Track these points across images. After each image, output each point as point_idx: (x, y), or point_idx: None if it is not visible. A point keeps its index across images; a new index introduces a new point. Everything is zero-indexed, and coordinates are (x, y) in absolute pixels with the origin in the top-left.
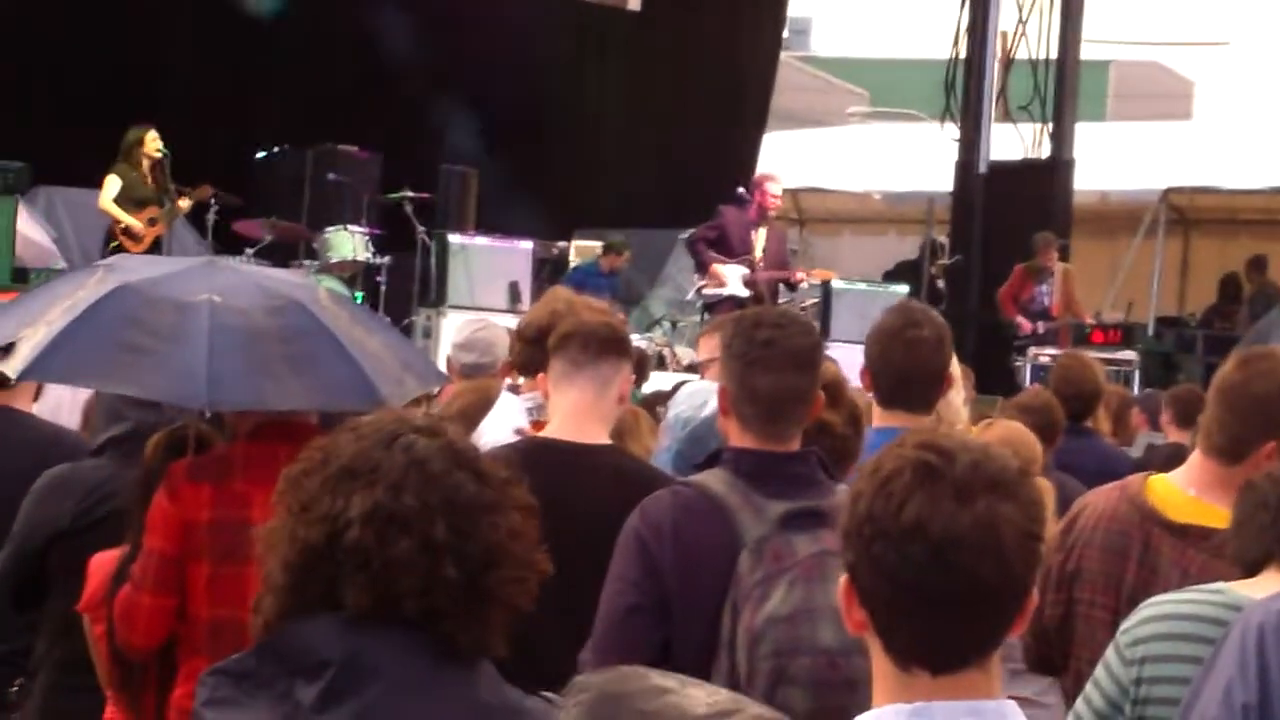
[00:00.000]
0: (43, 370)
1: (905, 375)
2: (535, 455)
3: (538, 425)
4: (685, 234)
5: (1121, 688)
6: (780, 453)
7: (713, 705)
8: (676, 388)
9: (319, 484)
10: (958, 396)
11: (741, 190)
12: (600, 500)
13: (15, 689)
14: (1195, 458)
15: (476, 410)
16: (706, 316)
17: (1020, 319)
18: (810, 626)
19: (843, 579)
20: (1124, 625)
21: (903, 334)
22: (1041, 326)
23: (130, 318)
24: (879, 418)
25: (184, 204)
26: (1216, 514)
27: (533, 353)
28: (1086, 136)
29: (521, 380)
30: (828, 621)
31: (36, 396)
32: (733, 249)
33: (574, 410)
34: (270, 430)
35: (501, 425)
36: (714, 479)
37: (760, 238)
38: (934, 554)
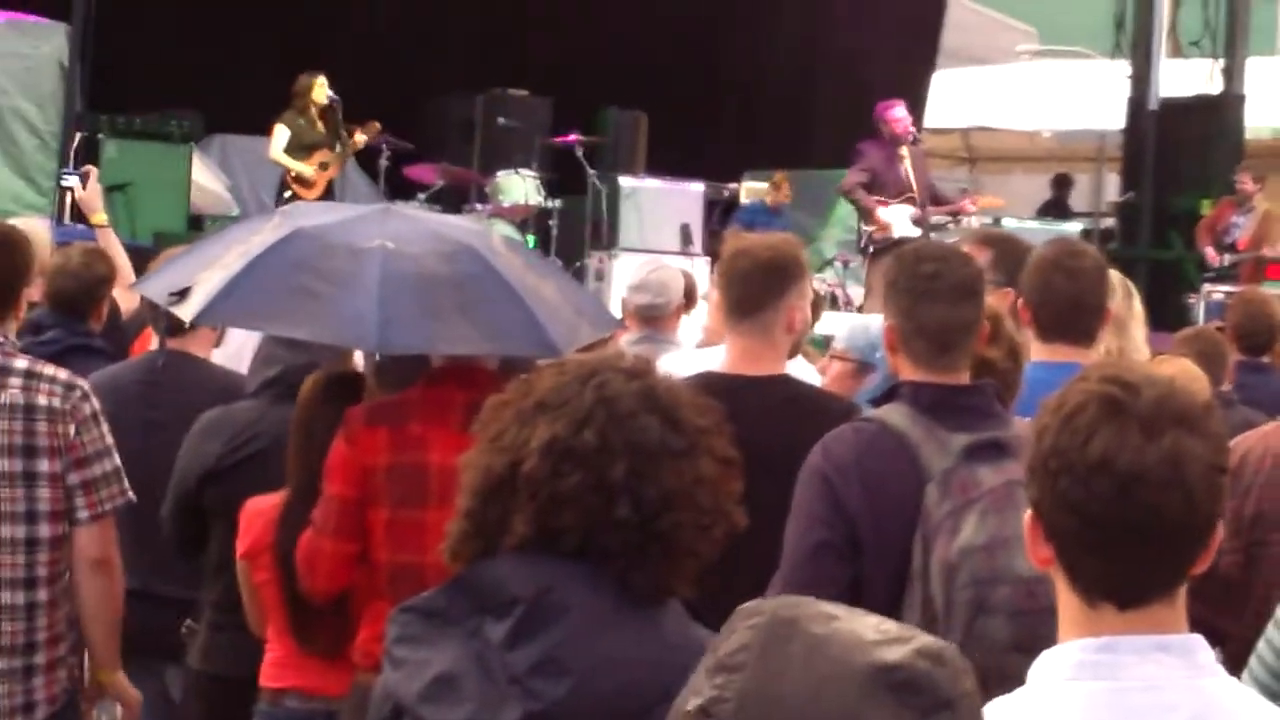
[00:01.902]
0: (216, 314)
1: (1067, 304)
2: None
3: None
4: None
5: None
6: (958, 385)
7: (883, 632)
8: None
9: (513, 415)
10: (1139, 332)
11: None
12: (773, 428)
13: (185, 631)
14: None
15: None
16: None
17: (1209, 250)
18: (1006, 555)
19: (1027, 514)
20: None
21: (1062, 263)
22: (1228, 258)
23: (304, 263)
24: (1039, 351)
25: (359, 139)
26: None
27: None
28: (1259, 71)
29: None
30: (1022, 550)
31: (218, 343)
32: (887, 186)
33: (746, 345)
34: (447, 375)
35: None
36: (895, 413)
37: (908, 167)
38: (1120, 489)
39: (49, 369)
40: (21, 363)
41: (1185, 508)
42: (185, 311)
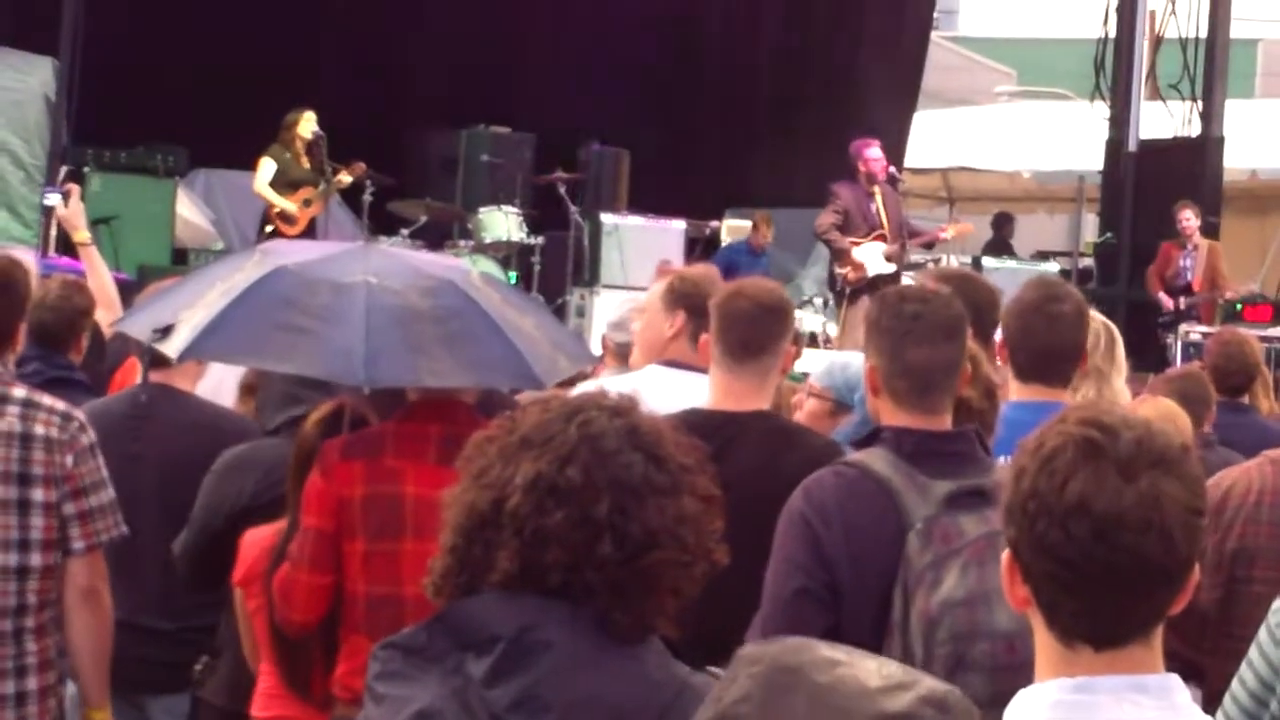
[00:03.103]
0: (202, 350)
1: (1045, 349)
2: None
3: None
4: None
5: (1273, 668)
6: (941, 432)
7: (887, 678)
8: None
9: (497, 451)
10: (1119, 380)
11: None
12: (758, 464)
13: (200, 666)
14: None
15: None
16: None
17: (1162, 296)
18: (987, 610)
19: (1005, 555)
20: (1275, 605)
21: (1043, 308)
22: (1183, 302)
23: (288, 298)
24: (1017, 391)
25: (344, 179)
26: None
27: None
28: (1236, 114)
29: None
30: (1003, 605)
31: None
32: (859, 226)
33: (740, 386)
34: (423, 409)
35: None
36: (876, 459)
37: (880, 205)
38: (1098, 532)
39: (47, 399)
40: (20, 391)
41: (1163, 550)
42: (171, 348)
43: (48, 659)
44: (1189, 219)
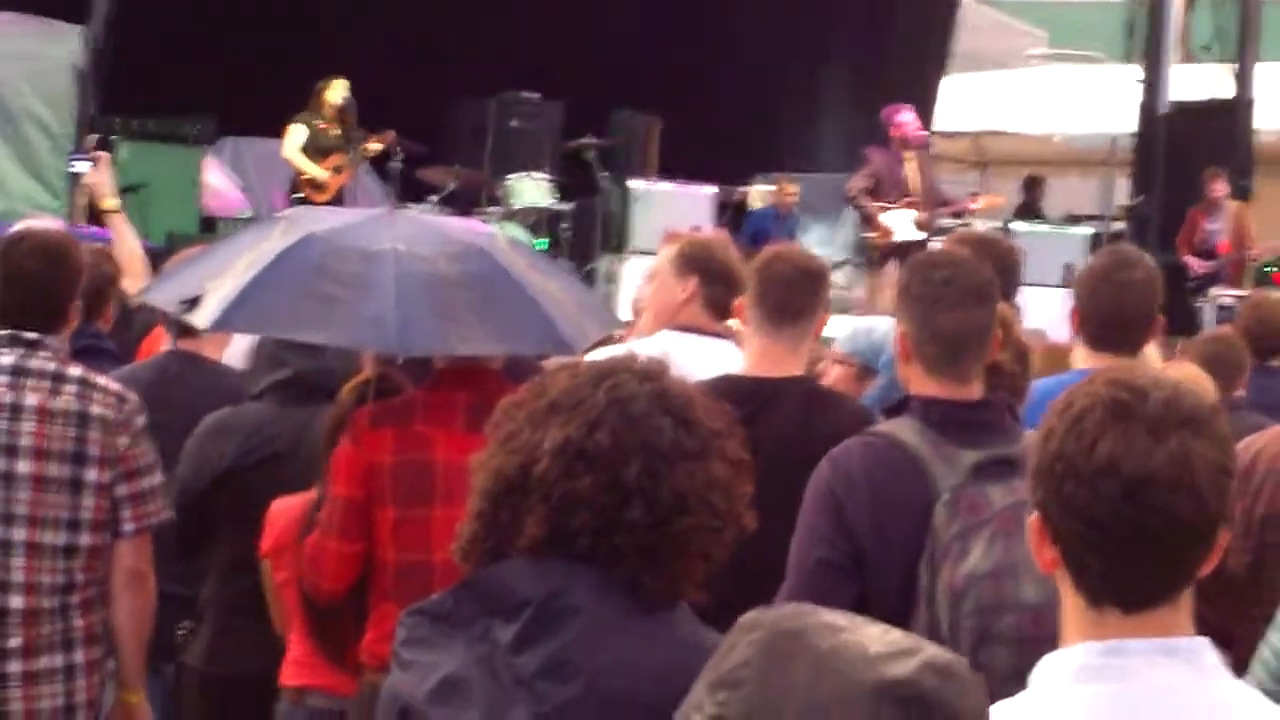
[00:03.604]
0: (232, 321)
1: (1114, 316)
2: (722, 390)
3: None
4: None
5: None
6: (968, 401)
7: (890, 644)
8: None
9: (525, 416)
10: (1150, 347)
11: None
12: (786, 427)
13: (182, 631)
14: None
15: None
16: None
17: (1189, 259)
18: (1013, 582)
19: (1032, 517)
20: None
21: (1113, 275)
22: (1212, 265)
23: (317, 267)
24: (1085, 359)
25: (373, 146)
26: None
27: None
28: (1269, 76)
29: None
30: (1030, 576)
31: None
32: (891, 191)
33: (778, 350)
34: (451, 376)
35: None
36: (904, 428)
37: (913, 171)
38: (1127, 492)
39: (102, 379)
40: (76, 370)
41: (1193, 510)
42: (200, 319)
43: (95, 634)
44: (1220, 189)
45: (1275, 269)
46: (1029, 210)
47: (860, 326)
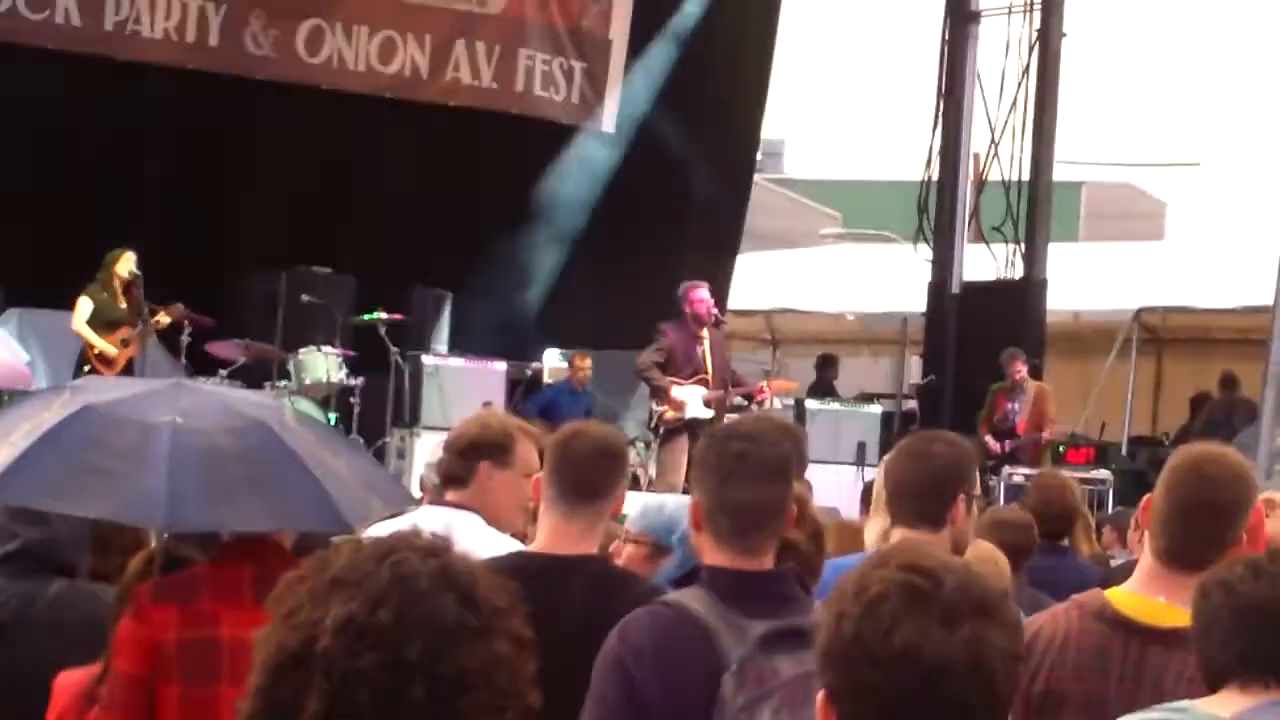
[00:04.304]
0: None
1: (912, 490)
2: (512, 567)
3: None
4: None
5: None
6: (758, 571)
7: None
8: None
9: (307, 591)
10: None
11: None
12: (576, 606)
13: None
14: (1152, 565)
15: None
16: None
17: (988, 439)
18: None
19: (820, 695)
20: None
21: (916, 449)
22: (1007, 445)
23: (93, 439)
24: (883, 535)
25: (161, 319)
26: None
27: (463, 465)
28: (1059, 257)
29: (449, 494)
30: None
31: None
32: (684, 367)
33: (572, 529)
34: (236, 550)
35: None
36: (694, 598)
37: (706, 349)
38: (925, 681)
39: None
40: None
41: (986, 696)
42: None
43: None
44: (1020, 370)
45: (1068, 446)
46: (822, 388)
47: (651, 503)
